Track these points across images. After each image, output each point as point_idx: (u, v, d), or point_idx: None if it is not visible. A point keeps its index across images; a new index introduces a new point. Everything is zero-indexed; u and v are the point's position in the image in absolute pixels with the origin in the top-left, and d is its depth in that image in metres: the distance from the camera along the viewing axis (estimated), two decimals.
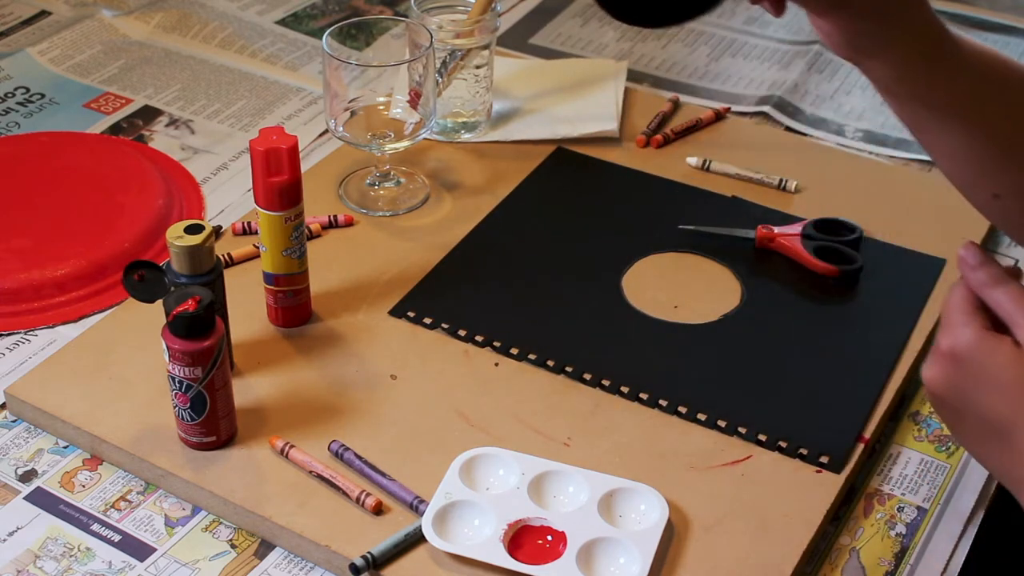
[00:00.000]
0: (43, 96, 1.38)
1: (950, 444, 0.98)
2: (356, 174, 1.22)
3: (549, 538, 0.86)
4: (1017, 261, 1.11)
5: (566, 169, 1.25)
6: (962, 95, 0.79)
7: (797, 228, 1.13)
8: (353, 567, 0.84)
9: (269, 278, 1.02)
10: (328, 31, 1.13)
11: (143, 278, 0.88)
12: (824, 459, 0.93)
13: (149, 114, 1.35)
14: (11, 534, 0.90)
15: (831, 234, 1.13)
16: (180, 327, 0.87)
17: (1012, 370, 0.67)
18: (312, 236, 1.13)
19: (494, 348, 1.02)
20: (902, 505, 0.94)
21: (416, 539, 0.86)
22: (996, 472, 0.72)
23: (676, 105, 1.34)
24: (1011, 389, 0.68)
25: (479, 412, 0.97)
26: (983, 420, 0.69)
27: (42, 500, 0.92)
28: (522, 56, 1.44)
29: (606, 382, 0.99)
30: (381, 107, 1.18)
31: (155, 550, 0.89)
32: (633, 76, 1.41)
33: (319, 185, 1.20)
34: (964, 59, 0.79)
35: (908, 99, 0.80)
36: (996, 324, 0.70)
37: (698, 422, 0.96)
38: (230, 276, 1.01)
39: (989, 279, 0.70)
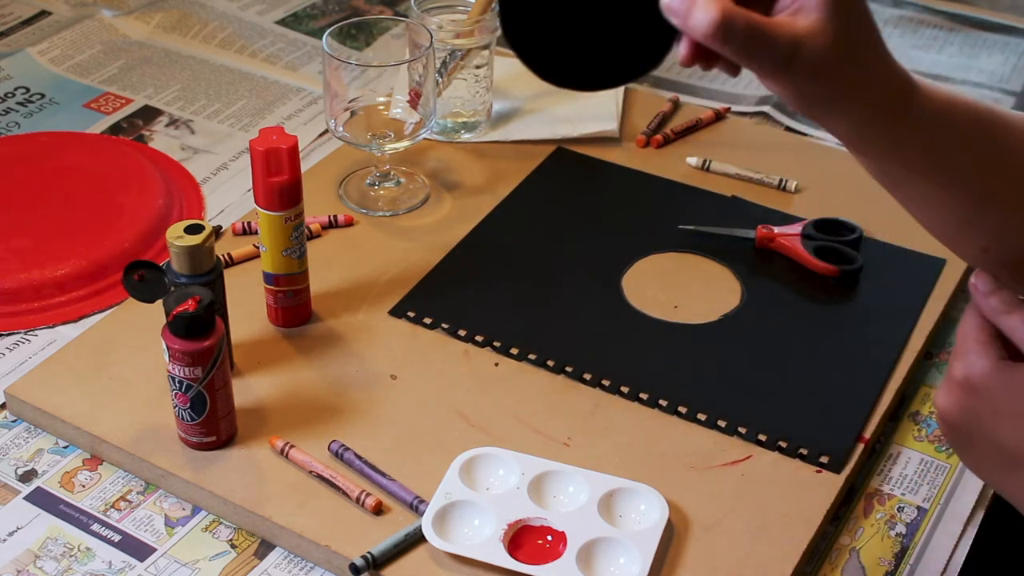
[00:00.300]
0: (43, 96, 1.38)
1: None
2: (356, 174, 1.22)
3: (549, 538, 0.86)
4: None
5: (566, 169, 1.25)
6: (933, 153, 0.72)
7: (797, 228, 1.13)
8: (353, 567, 0.84)
9: (269, 278, 1.02)
10: (328, 31, 1.13)
11: (143, 278, 0.88)
12: (824, 459, 0.93)
13: (149, 114, 1.35)
14: (11, 534, 0.90)
15: (831, 234, 1.13)
16: (180, 327, 0.87)
17: None
18: (312, 236, 1.13)
19: (494, 348, 1.02)
20: (902, 505, 0.94)
21: (416, 539, 0.86)
22: (1014, 500, 0.71)
23: (676, 105, 1.34)
24: None
25: (479, 412, 0.97)
26: (1000, 449, 0.68)
27: (42, 500, 0.92)
28: None
29: (606, 382, 0.99)
30: (381, 107, 1.18)
31: (155, 550, 0.89)
32: None
33: (319, 185, 1.20)
34: (934, 114, 0.72)
35: (875, 157, 0.73)
36: (1011, 351, 0.69)
37: (698, 422, 0.96)
38: (230, 276, 1.01)
39: (1003, 305, 0.69)
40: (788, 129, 1.35)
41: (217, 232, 1.14)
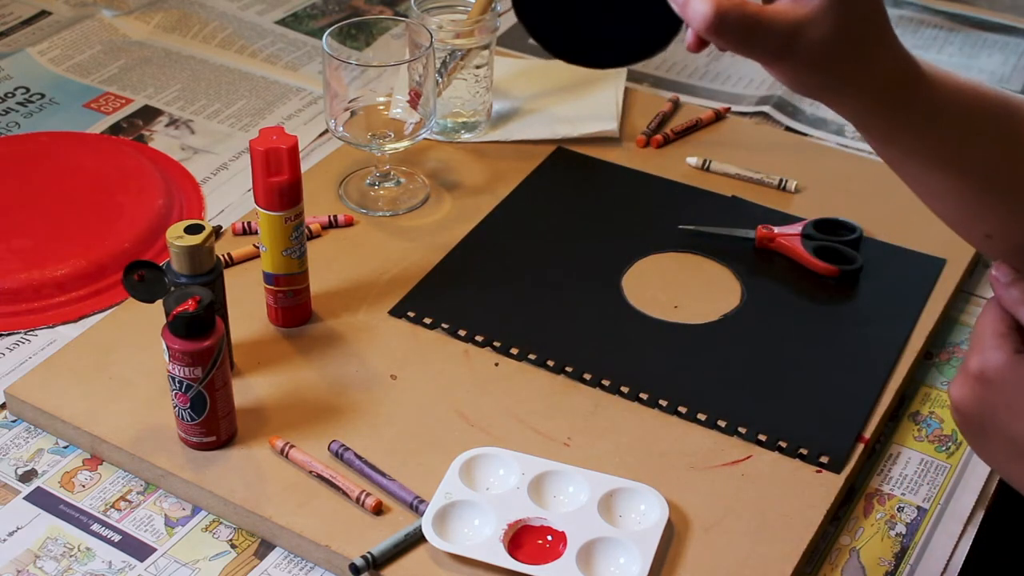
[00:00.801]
0: (43, 96, 1.38)
1: (950, 444, 0.98)
2: (356, 174, 1.22)
3: (549, 538, 0.86)
4: None
5: (566, 169, 1.25)
6: (938, 141, 0.71)
7: (797, 228, 1.13)
8: (353, 567, 0.84)
9: (269, 278, 1.02)
10: (328, 31, 1.13)
11: (143, 278, 0.88)
12: (824, 459, 0.93)
13: (149, 114, 1.35)
14: (11, 534, 0.90)
15: (831, 234, 1.13)
16: (180, 327, 0.87)
17: None
18: (312, 236, 1.13)
19: (494, 348, 1.02)
20: (902, 505, 0.94)
21: (416, 539, 0.86)
22: None
23: (676, 105, 1.34)
24: None
25: (479, 412, 0.97)
26: (1013, 442, 0.68)
27: (42, 500, 0.92)
28: (522, 56, 1.44)
29: (606, 382, 0.99)
30: (381, 107, 1.18)
31: (155, 550, 0.89)
32: (633, 76, 1.41)
33: (319, 185, 1.20)
34: (941, 102, 0.71)
35: (879, 141, 0.73)
36: None
37: (698, 422, 0.96)
38: (230, 276, 1.01)
39: (1022, 296, 0.68)
40: (788, 129, 1.35)
41: (217, 232, 1.14)
